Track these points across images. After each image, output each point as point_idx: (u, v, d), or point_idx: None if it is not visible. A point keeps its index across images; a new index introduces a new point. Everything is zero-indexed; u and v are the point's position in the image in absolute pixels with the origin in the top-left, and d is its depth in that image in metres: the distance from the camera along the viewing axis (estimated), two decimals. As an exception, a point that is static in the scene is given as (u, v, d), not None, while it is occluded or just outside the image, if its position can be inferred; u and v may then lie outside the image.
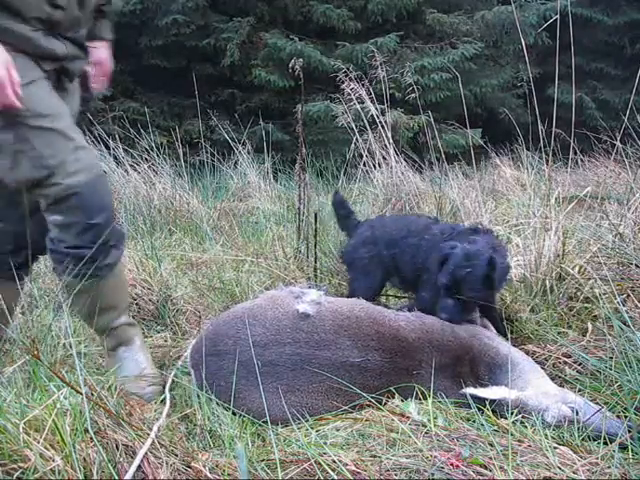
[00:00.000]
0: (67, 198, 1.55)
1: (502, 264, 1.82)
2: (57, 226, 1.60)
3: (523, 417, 1.53)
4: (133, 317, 2.12)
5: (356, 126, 4.26)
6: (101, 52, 1.87)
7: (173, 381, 1.76)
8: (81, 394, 1.21)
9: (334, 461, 1.26)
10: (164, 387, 1.74)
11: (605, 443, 1.39)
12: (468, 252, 1.81)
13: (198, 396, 1.62)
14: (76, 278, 1.64)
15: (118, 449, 1.19)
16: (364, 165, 4.39)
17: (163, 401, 1.70)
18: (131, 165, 4.57)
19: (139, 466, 1.17)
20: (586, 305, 2.05)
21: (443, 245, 1.87)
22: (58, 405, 1.22)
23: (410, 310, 1.89)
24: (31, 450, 1.11)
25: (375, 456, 1.35)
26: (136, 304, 2.40)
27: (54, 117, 1.55)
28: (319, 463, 1.25)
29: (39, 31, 1.55)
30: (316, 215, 2.76)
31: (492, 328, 1.96)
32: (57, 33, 1.60)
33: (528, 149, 4.10)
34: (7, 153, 1.51)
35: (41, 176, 1.53)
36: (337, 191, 2.50)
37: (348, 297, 2.00)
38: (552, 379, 1.71)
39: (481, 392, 1.60)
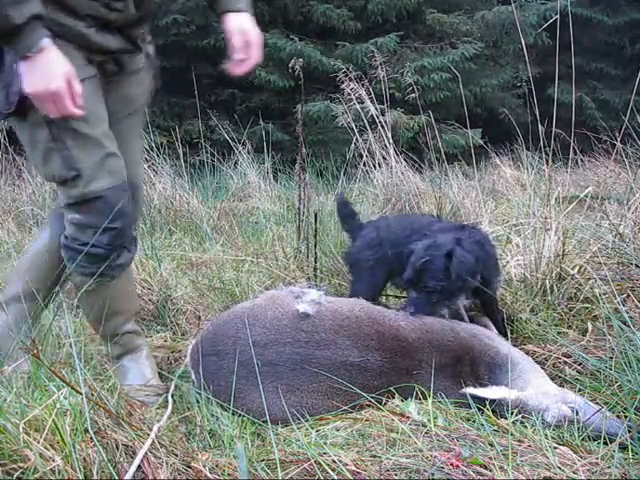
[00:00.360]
0: (90, 201, 1.57)
1: (463, 257, 1.81)
2: (74, 225, 1.62)
3: (523, 417, 1.53)
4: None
5: (356, 126, 4.26)
6: (234, 21, 1.68)
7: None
8: (81, 394, 1.21)
9: (334, 461, 1.26)
10: (167, 391, 1.74)
11: (605, 443, 1.38)
12: (429, 245, 1.83)
13: (198, 396, 1.62)
14: (87, 277, 1.65)
15: (118, 449, 1.19)
16: (364, 165, 4.39)
17: (164, 402, 1.71)
18: (131, 165, 4.56)
19: (139, 466, 1.17)
20: (586, 305, 2.05)
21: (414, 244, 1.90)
22: (58, 405, 1.21)
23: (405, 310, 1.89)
24: (31, 450, 1.11)
25: (375, 456, 1.35)
26: (136, 304, 2.40)
27: (92, 123, 1.55)
28: (319, 463, 1.25)
29: (92, 27, 1.53)
30: (316, 215, 2.76)
31: (492, 328, 1.96)
32: (112, 29, 1.59)
33: (528, 149, 4.10)
34: (41, 148, 1.54)
35: (68, 176, 1.55)
36: (340, 193, 2.50)
37: (349, 297, 2.00)
38: (552, 379, 1.71)
39: (481, 392, 1.60)
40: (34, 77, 1.35)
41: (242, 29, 1.67)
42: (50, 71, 1.35)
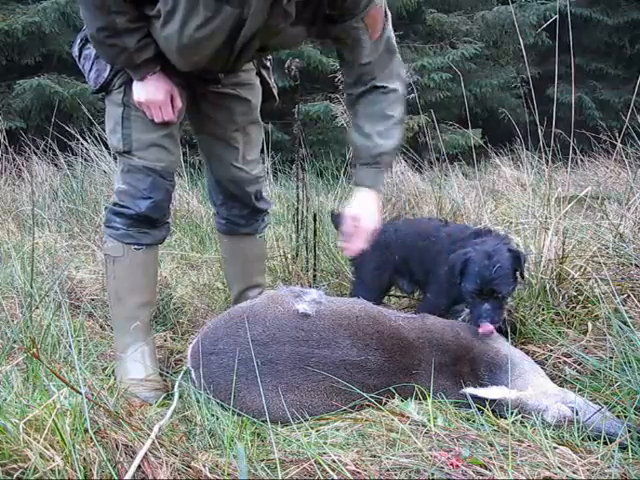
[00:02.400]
0: (135, 171, 1.82)
1: (524, 253, 1.82)
2: (118, 193, 1.85)
3: (523, 417, 1.53)
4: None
5: (356, 126, 4.25)
6: (355, 203, 1.79)
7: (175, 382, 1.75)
8: (80, 394, 1.21)
9: (334, 461, 1.26)
10: (167, 392, 1.74)
11: (605, 443, 1.38)
12: (486, 251, 1.78)
13: (198, 396, 1.62)
14: (116, 240, 1.84)
15: (118, 449, 1.19)
16: (364, 165, 4.38)
17: (164, 402, 1.71)
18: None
19: (139, 466, 1.17)
20: (586, 305, 2.05)
21: (455, 253, 1.85)
22: (58, 405, 1.21)
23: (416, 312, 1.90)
24: (31, 450, 1.11)
25: (375, 456, 1.35)
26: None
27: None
28: (319, 463, 1.25)
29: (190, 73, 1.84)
30: (315, 215, 2.76)
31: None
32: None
33: (528, 149, 4.10)
34: (112, 120, 1.85)
35: (125, 149, 1.83)
36: (332, 212, 2.53)
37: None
38: (552, 379, 1.71)
39: (481, 392, 1.60)
40: (145, 91, 1.75)
41: (357, 216, 1.75)
42: (157, 89, 1.76)
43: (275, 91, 2.16)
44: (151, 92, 1.76)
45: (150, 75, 1.75)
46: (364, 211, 1.75)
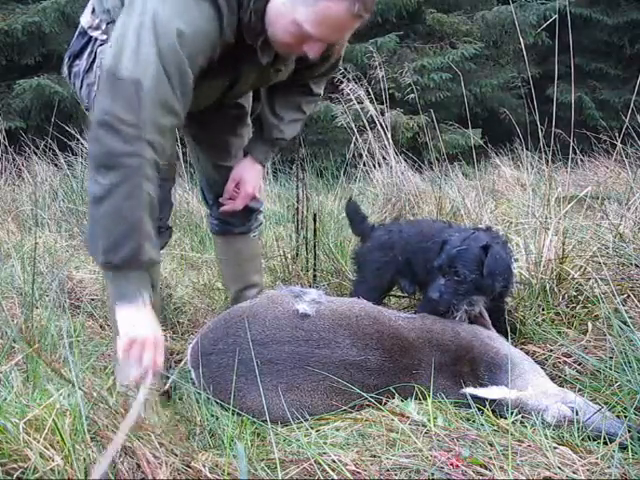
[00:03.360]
0: None
1: (499, 255, 1.81)
2: None
3: (523, 417, 1.53)
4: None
5: (356, 126, 4.26)
6: (241, 168, 1.95)
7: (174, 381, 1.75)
8: (82, 390, 1.21)
9: (334, 461, 1.26)
10: (167, 392, 1.74)
11: (605, 443, 1.38)
12: (466, 237, 1.83)
13: (198, 396, 1.62)
14: None
15: (118, 449, 1.19)
16: (364, 165, 4.39)
17: (164, 402, 1.71)
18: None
19: (139, 466, 1.17)
20: (586, 305, 2.05)
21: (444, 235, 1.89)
22: (58, 405, 1.21)
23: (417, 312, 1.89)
24: (31, 450, 1.11)
25: (375, 456, 1.35)
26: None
27: None
28: (319, 463, 1.25)
29: None
30: (315, 215, 2.76)
31: (492, 327, 1.95)
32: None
33: (528, 149, 4.10)
34: None
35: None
36: (350, 198, 2.52)
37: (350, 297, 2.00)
38: (552, 379, 1.71)
39: (481, 392, 1.60)
40: (136, 327, 1.39)
41: (243, 179, 1.95)
42: (152, 323, 1.44)
43: None
44: (143, 331, 1.41)
45: (145, 304, 1.41)
46: (250, 177, 1.95)
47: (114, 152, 1.32)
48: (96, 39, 1.71)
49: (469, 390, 1.61)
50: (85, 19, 1.75)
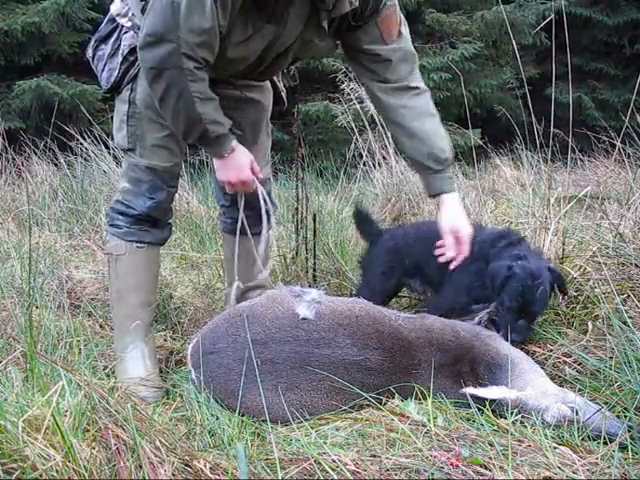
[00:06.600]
0: (138, 170, 1.83)
1: (558, 272, 1.88)
2: (121, 191, 1.87)
3: (523, 417, 1.53)
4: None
5: (356, 126, 4.26)
6: (447, 214, 1.83)
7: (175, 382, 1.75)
8: (87, 383, 1.21)
9: (334, 461, 1.26)
10: (167, 392, 1.74)
11: (605, 443, 1.38)
12: (531, 271, 1.81)
13: (198, 395, 1.62)
14: (118, 238, 1.85)
15: (118, 449, 1.19)
16: (364, 165, 4.39)
17: (164, 400, 1.71)
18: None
19: (139, 466, 1.16)
20: (586, 305, 2.05)
21: (497, 265, 1.86)
22: (58, 404, 1.21)
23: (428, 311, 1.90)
24: (31, 449, 1.11)
25: (375, 456, 1.35)
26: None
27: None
28: (319, 463, 1.25)
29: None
30: (315, 215, 2.76)
31: (492, 327, 1.95)
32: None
33: (528, 149, 4.10)
34: (118, 118, 1.86)
35: (129, 147, 1.84)
36: (359, 204, 2.53)
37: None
38: (552, 379, 1.71)
39: (481, 392, 1.60)
40: (228, 170, 1.75)
41: (454, 228, 1.81)
42: (240, 165, 1.75)
43: (284, 94, 2.16)
44: (234, 171, 1.75)
45: (229, 153, 1.72)
46: (458, 220, 1.82)
47: (157, 65, 1.55)
48: (122, 26, 1.78)
49: (469, 390, 1.61)
50: (115, 6, 1.81)
